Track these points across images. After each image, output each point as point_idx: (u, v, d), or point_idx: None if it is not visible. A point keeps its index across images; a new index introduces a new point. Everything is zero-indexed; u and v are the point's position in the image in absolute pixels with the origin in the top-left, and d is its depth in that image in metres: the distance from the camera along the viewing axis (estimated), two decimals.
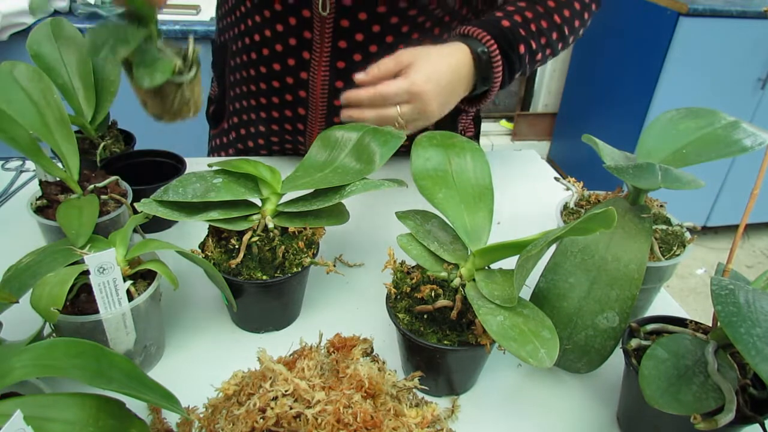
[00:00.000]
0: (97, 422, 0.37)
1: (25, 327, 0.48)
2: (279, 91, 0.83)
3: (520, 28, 0.77)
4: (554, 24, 0.80)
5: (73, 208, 0.57)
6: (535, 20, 0.79)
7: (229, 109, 0.93)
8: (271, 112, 0.86)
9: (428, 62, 0.68)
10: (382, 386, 0.43)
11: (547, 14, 0.80)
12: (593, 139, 0.59)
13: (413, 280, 0.53)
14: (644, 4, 2.23)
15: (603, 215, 0.40)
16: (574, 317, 0.53)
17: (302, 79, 0.81)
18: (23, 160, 0.90)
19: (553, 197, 0.78)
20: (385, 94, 0.66)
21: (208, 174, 0.57)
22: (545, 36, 0.80)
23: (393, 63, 0.68)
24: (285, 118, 0.85)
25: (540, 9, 0.80)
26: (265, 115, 0.87)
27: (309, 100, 0.83)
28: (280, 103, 0.84)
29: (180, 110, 0.68)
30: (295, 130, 0.86)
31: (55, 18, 0.73)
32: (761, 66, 2.22)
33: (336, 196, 0.57)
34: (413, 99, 0.67)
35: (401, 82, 0.66)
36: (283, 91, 0.83)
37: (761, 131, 0.57)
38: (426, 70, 0.68)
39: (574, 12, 0.83)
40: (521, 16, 0.78)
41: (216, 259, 0.56)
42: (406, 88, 0.66)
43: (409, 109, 0.68)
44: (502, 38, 0.75)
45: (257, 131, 0.90)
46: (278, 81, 0.82)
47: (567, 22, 0.82)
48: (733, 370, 0.45)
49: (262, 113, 0.87)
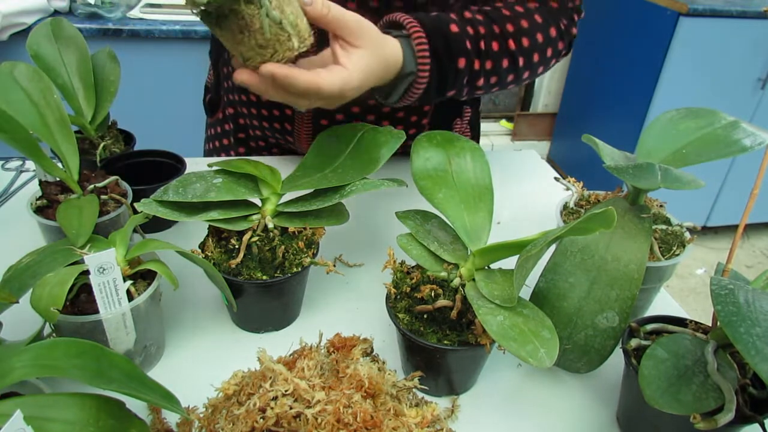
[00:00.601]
0: (97, 422, 0.37)
1: (25, 327, 0.48)
2: None
3: (467, 41, 0.66)
4: (507, 50, 0.70)
5: (73, 208, 0.57)
6: (486, 39, 0.68)
7: (224, 99, 0.94)
8: (260, 110, 0.86)
9: (370, 59, 0.57)
10: (382, 386, 0.43)
11: (502, 37, 0.69)
12: (593, 139, 0.59)
13: (413, 280, 0.53)
14: (644, 4, 2.23)
15: (603, 215, 0.40)
16: (574, 317, 0.53)
17: None
18: (23, 160, 0.90)
19: (553, 197, 0.78)
20: (319, 91, 0.54)
21: (208, 174, 0.57)
22: (492, 60, 0.69)
23: (346, 17, 0.55)
24: (273, 117, 0.85)
25: (495, 29, 0.69)
26: (255, 111, 0.87)
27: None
28: (267, 102, 0.83)
29: (276, 42, 0.51)
30: (283, 129, 0.86)
31: (55, 18, 0.73)
32: (761, 66, 2.22)
33: (336, 196, 0.57)
34: (333, 100, 0.58)
35: (338, 83, 0.55)
36: None
37: (761, 131, 0.57)
38: (363, 70, 0.57)
39: (534, 44, 0.72)
40: (474, 28, 0.67)
41: (216, 259, 0.56)
42: (337, 91, 0.56)
43: (319, 103, 0.59)
44: (442, 45, 0.64)
45: (251, 124, 0.90)
46: None
47: (523, 53, 0.71)
48: (733, 370, 0.45)
49: (252, 110, 0.87)
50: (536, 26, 0.72)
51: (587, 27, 2.09)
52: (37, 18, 1.73)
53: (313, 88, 0.54)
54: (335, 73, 0.55)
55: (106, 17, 1.80)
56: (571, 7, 0.78)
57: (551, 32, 0.74)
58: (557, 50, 0.76)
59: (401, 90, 0.66)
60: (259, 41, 0.51)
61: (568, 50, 0.79)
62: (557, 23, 0.75)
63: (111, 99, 0.76)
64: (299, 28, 0.52)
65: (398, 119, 0.84)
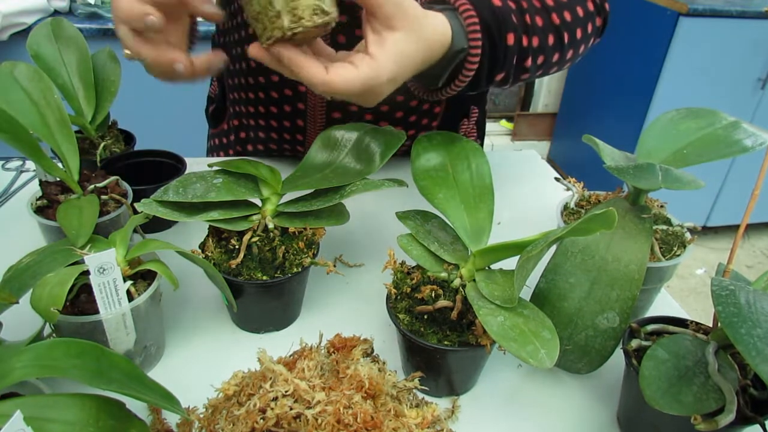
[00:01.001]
0: (97, 423, 0.37)
1: (25, 327, 0.48)
2: (277, 102, 0.82)
3: (512, 15, 0.59)
4: (552, 24, 0.63)
5: (73, 208, 0.57)
6: (531, 12, 0.62)
7: (229, 110, 0.93)
8: (269, 121, 0.85)
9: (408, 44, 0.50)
10: (382, 387, 0.43)
11: (545, 11, 0.63)
12: (593, 139, 0.59)
13: (413, 280, 0.53)
14: (644, 4, 2.23)
15: (603, 216, 0.40)
16: (575, 318, 0.53)
17: (300, 91, 0.79)
18: (23, 160, 0.90)
19: (554, 197, 0.78)
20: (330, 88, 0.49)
21: (209, 174, 0.57)
22: (538, 36, 0.62)
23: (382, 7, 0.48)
24: (284, 128, 0.84)
25: (536, 2, 0.63)
26: (264, 123, 0.86)
27: (307, 113, 0.81)
28: (278, 113, 0.83)
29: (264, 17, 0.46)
30: (293, 140, 0.86)
31: (55, 18, 0.73)
32: (761, 66, 2.22)
33: (336, 197, 0.57)
34: (364, 97, 0.51)
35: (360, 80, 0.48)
36: (281, 102, 0.81)
37: (761, 131, 0.57)
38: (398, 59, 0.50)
39: (576, 18, 0.66)
40: (515, 1, 0.61)
41: (216, 260, 0.56)
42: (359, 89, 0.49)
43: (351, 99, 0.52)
44: (491, 18, 0.57)
45: (257, 136, 0.90)
46: (276, 92, 0.81)
47: (567, 27, 0.65)
48: (734, 371, 0.45)
49: (260, 121, 0.86)
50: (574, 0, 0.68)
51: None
52: (37, 18, 1.73)
53: (318, 83, 0.48)
54: (353, 69, 0.48)
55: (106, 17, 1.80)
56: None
57: (588, 5, 0.69)
58: (596, 26, 0.71)
59: (448, 73, 0.58)
60: (251, 13, 0.47)
61: (603, 27, 0.74)
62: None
63: (111, 99, 0.75)
64: (296, 3, 0.45)
65: (410, 123, 0.84)
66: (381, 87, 0.50)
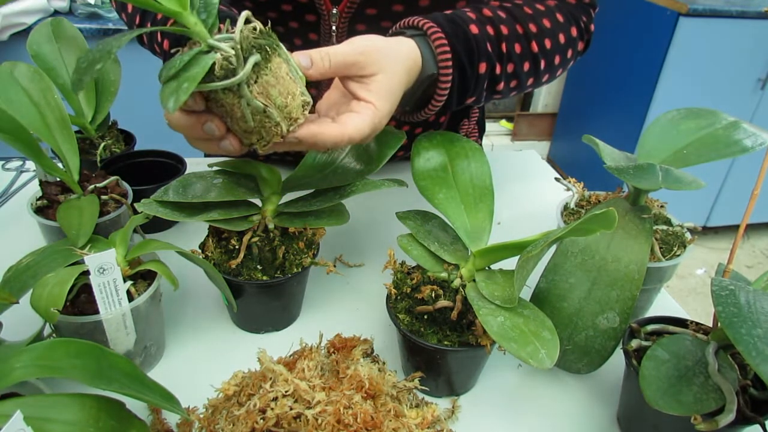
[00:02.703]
0: (97, 423, 0.37)
1: (25, 327, 0.48)
2: None
3: (487, 43, 0.62)
4: (529, 53, 0.66)
5: (74, 208, 0.57)
6: (510, 40, 0.64)
7: None
8: None
9: (390, 79, 0.53)
10: (382, 387, 0.43)
11: (525, 38, 0.65)
12: (593, 139, 0.59)
13: (413, 280, 0.53)
14: (644, 4, 2.23)
15: (603, 216, 0.40)
16: (575, 318, 0.53)
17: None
18: (23, 160, 0.90)
19: (554, 197, 0.78)
20: (351, 141, 0.51)
21: (208, 174, 0.57)
22: (514, 62, 0.65)
23: (347, 58, 0.51)
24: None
25: (518, 29, 0.65)
26: None
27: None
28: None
29: (261, 128, 0.47)
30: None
31: (55, 18, 0.73)
32: (761, 66, 2.22)
33: (336, 197, 0.57)
34: (369, 137, 0.54)
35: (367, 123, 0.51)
36: None
37: (762, 131, 0.57)
38: (387, 96, 0.53)
39: (556, 45, 0.68)
40: (495, 28, 0.63)
41: (216, 260, 0.56)
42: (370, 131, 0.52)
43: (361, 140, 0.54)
44: (463, 48, 0.59)
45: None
46: None
47: (545, 54, 0.67)
48: (734, 371, 0.45)
49: None
50: (558, 26, 0.69)
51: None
52: (37, 18, 1.73)
53: (343, 141, 0.50)
54: (358, 117, 0.51)
55: (106, 17, 1.80)
56: (588, 2, 0.75)
57: (572, 32, 0.71)
58: (577, 51, 0.73)
59: (419, 94, 0.61)
60: (243, 128, 0.47)
61: (585, 49, 0.76)
62: (578, 21, 0.72)
63: (111, 99, 0.76)
64: (289, 108, 0.46)
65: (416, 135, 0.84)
66: (382, 123, 0.54)
